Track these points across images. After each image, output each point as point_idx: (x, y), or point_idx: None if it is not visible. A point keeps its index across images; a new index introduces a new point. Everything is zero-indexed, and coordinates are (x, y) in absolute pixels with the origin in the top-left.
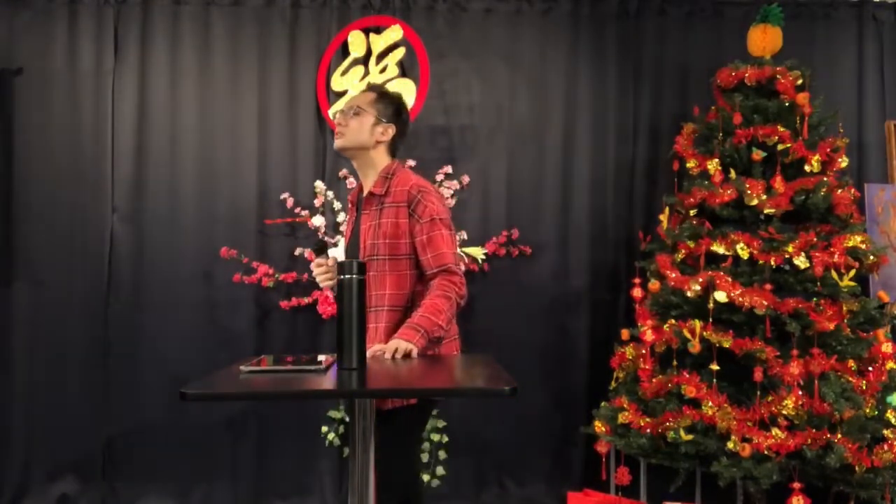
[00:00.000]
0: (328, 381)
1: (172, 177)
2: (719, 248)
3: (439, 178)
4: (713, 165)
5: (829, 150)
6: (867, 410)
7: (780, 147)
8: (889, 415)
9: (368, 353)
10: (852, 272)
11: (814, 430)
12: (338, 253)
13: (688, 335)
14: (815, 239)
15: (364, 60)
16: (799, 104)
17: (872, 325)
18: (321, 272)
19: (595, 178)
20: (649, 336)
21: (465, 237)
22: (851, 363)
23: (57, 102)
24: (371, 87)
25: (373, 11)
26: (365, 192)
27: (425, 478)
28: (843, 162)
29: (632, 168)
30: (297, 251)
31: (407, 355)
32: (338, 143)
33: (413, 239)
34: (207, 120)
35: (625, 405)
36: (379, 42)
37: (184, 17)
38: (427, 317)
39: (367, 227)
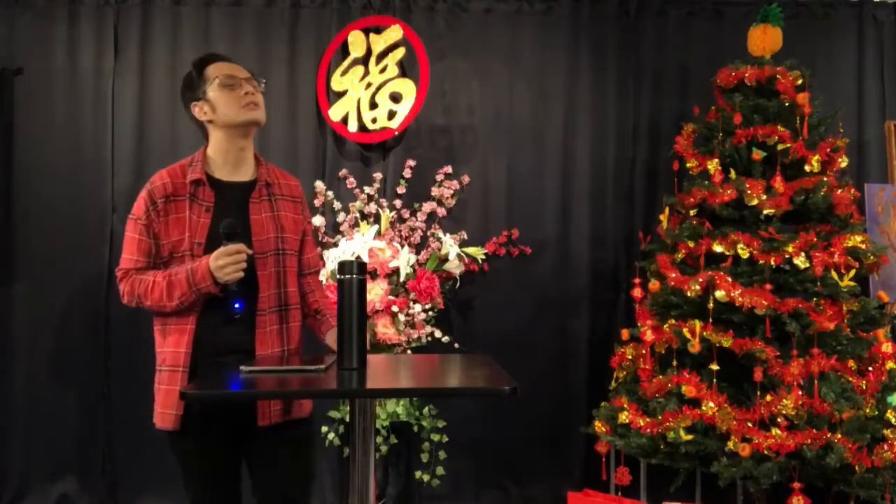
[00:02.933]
0: (328, 381)
1: None
2: (719, 248)
3: (439, 178)
4: (713, 165)
5: (829, 150)
6: (867, 410)
7: (780, 147)
8: (889, 415)
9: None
10: (852, 272)
11: (814, 430)
12: (335, 255)
13: (688, 335)
14: (815, 239)
15: (364, 60)
16: (799, 104)
17: (872, 325)
18: (235, 261)
19: (595, 178)
20: (649, 336)
21: (465, 237)
22: (851, 363)
23: (57, 102)
24: (234, 61)
25: (373, 11)
26: (245, 179)
27: (425, 478)
28: (843, 162)
29: (632, 168)
30: None
31: None
32: (258, 115)
33: (302, 237)
34: None
35: (625, 405)
36: (379, 42)
37: (184, 17)
38: None
39: (262, 218)
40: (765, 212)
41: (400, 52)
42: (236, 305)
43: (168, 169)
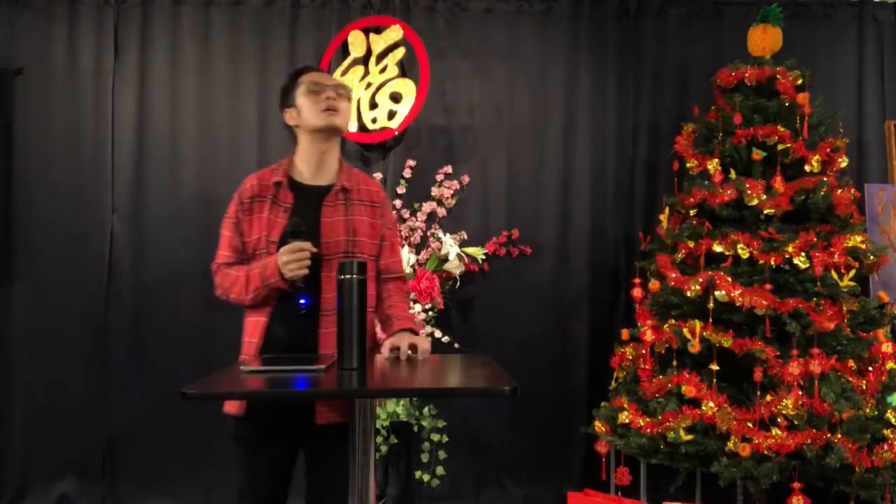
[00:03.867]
0: (328, 382)
1: (172, 177)
2: (719, 248)
3: (439, 178)
4: (713, 165)
5: (829, 150)
6: (867, 410)
7: (780, 147)
8: (889, 415)
9: (387, 351)
10: (852, 272)
11: (814, 430)
12: None
13: (688, 335)
14: (815, 239)
15: (364, 60)
16: (799, 104)
17: (872, 325)
18: (298, 258)
19: (595, 178)
20: (649, 336)
21: (465, 237)
22: (851, 363)
23: (57, 102)
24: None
25: (373, 11)
26: (324, 183)
27: (425, 478)
28: (843, 162)
29: (632, 168)
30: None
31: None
32: (337, 121)
33: (381, 242)
34: (207, 120)
35: (625, 405)
36: (379, 42)
37: (184, 17)
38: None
39: (333, 221)
40: (765, 212)
41: (400, 52)
42: (301, 301)
43: (258, 173)
